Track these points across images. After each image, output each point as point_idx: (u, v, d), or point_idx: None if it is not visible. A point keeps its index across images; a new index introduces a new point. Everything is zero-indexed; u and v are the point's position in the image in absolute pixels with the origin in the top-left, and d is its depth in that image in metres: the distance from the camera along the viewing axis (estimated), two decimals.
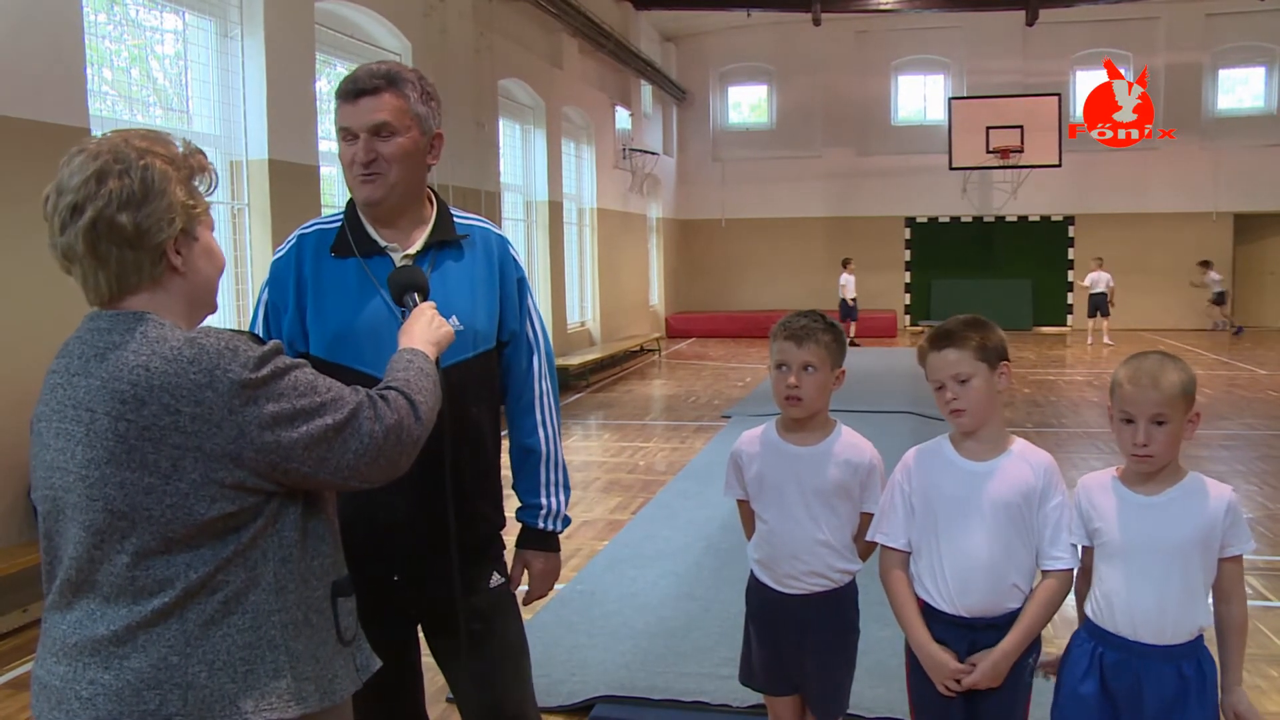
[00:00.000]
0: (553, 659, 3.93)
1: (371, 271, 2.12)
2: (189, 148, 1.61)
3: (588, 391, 12.23)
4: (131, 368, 1.46)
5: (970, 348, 2.25)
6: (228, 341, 1.51)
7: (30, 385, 1.75)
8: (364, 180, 2.09)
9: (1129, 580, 2.17)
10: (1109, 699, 2.19)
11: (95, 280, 1.53)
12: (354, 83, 2.09)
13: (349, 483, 1.58)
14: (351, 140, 2.09)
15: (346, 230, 2.17)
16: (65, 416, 1.50)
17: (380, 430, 1.57)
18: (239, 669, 1.49)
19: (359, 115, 2.07)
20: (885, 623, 2.38)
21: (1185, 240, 19.39)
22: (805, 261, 20.56)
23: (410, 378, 1.68)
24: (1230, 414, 9.79)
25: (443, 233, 2.20)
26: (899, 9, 18.42)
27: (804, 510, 2.45)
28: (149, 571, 1.47)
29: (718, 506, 5.92)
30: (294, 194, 7.13)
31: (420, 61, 9.15)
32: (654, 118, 19.59)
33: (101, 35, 6.01)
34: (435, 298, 2.06)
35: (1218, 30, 19.34)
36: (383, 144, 2.08)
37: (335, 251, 2.15)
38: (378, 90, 2.07)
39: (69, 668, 1.48)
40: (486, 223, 2.33)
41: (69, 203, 1.50)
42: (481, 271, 2.22)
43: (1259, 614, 4.49)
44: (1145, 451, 2.14)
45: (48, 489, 1.53)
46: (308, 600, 1.58)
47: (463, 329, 2.10)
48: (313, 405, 1.52)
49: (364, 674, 1.68)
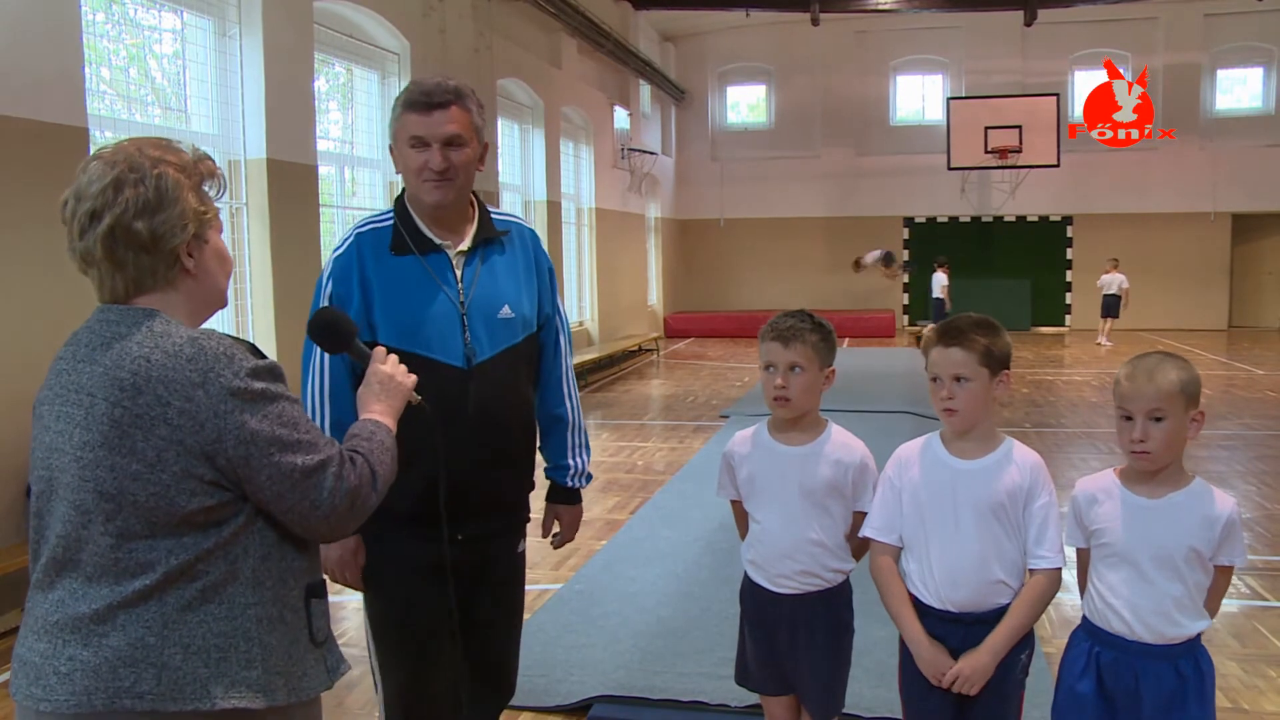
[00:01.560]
0: (551, 659, 3.93)
1: (431, 267, 2.33)
2: (197, 154, 1.68)
3: (586, 391, 12.23)
4: (134, 358, 1.53)
5: (976, 351, 2.26)
6: (227, 347, 1.58)
7: (30, 387, 1.77)
8: (436, 185, 2.29)
9: (1128, 581, 2.18)
10: (1106, 698, 2.20)
11: (112, 282, 1.60)
12: (427, 96, 2.27)
13: (292, 526, 1.62)
14: (423, 148, 2.28)
15: (401, 229, 2.35)
16: (67, 400, 1.56)
17: (341, 491, 1.61)
18: (213, 655, 1.54)
19: (434, 126, 2.27)
20: (881, 622, 2.38)
21: (1184, 240, 19.41)
22: (804, 261, 20.58)
23: (373, 449, 1.73)
24: (1228, 414, 9.79)
25: (486, 230, 2.41)
26: (898, 9, 18.42)
27: (796, 510, 2.46)
28: (131, 554, 1.52)
29: (715, 506, 5.91)
30: (292, 193, 7.13)
31: (419, 61, 9.15)
32: (653, 117, 19.59)
33: (100, 34, 6.00)
34: (486, 290, 2.35)
35: (1216, 30, 19.36)
36: (455, 153, 2.29)
37: (395, 250, 2.33)
38: (448, 104, 2.27)
39: (49, 644, 1.53)
40: (519, 218, 2.57)
41: (87, 209, 1.57)
42: (522, 264, 2.46)
43: (1257, 614, 4.49)
44: (1143, 448, 2.14)
45: (44, 469, 1.59)
46: (283, 598, 1.63)
47: (514, 317, 2.39)
48: (290, 439, 1.58)
49: (334, 675, 1.73)
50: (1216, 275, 19.67)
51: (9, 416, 4.65)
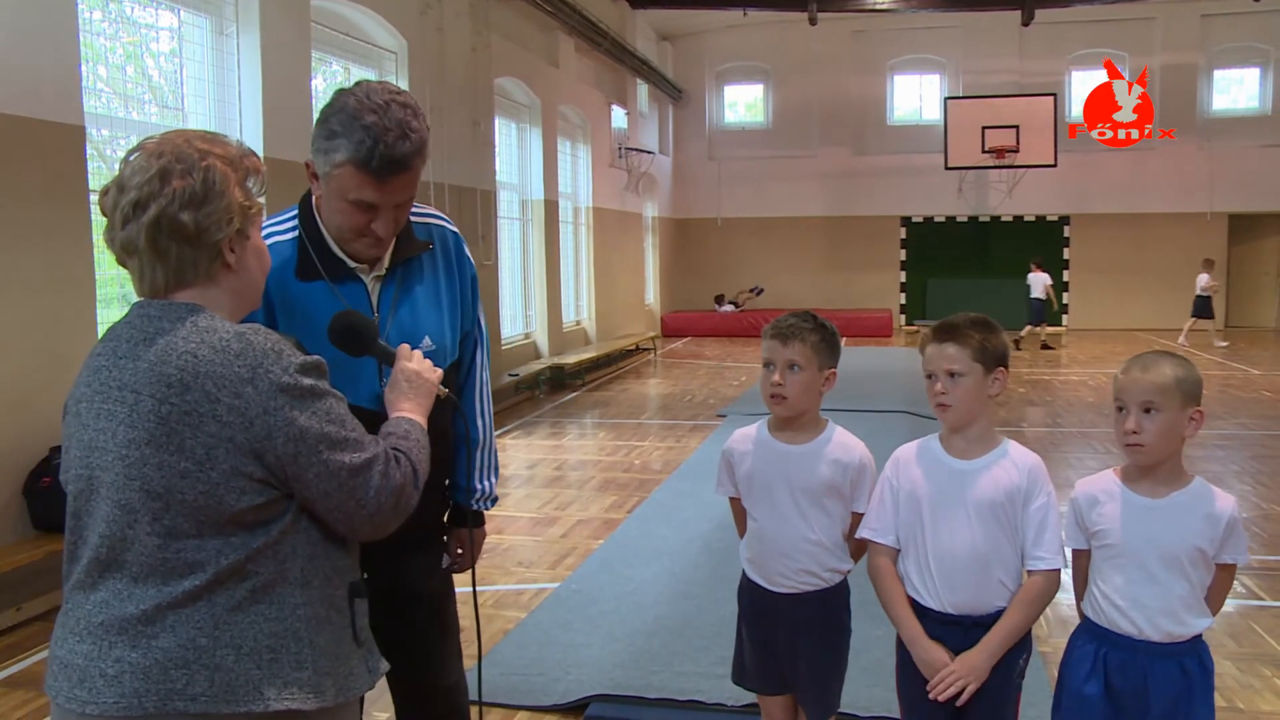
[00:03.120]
0: (547, 658, 3.93)
1: (343, 296, 2.04)
2: (242, 149, 1.67)
3: (583, 390, 12.23)
4: (180, 353, 1.51)
5: (971, 346, 2.26)
6: (274, 343, 1.56)
7: (26, 386, 1.76)
8: (375, 244, 2.03)
9: (1132, 581, 2.18)
10: (1113, 699, 2.20)
11: (152, 273, 1.58)
12: (391, 163, 1.91)
13: (336, 525, 1.61)
14: (368, 210, 1.96)
15: (308, 248, 2.06)
16: (109, 398, 1.53)
17: (387, 489, 1.60)
18: (264, 656, 1.52)
19: (390, 194, 1.96)
20: (879, 621, 2.38)
21: (1180, 240, 19.42)
22: (801, 261, 20.57)
23: (412, 448, 1.71)
24: (1225, 414, 9.80)
25: (406, 249, 2.13)
26: (895, 9, 18.40)
27: (794, 509, 2.46)
28: (179, 554, 1.49)
29: (713, 505, 5.91)
30: (289, 191, 7.03)
31: (416, 60, 9.15)
32: (650, 116, 19.58)
33: (96, 33, 5.99)
34: (405, 322, 2.10)
35: (1213, 31, 19.37)
36: (400, 212, 2.02)
37: (301, 275, 2.04)
38: (410, 165, 1.94)
39: (94, 646, 1.50)
40: (441, 218, 2.28)
41: (132, 199, 1.55)
42: (445, 283, 2.22)
43: (1253, 613, 4.50)
44: (1135, 439, 2.15)
45: (83, 468, 1.55)
46: (330, 598, 1.62)
47: (434, 348, 2.12)
48: (338, 436, 1.56)
49: (375, 675, 1.72)
50: (1213, 275, 19.66)
51: (4, 417, 4.63)
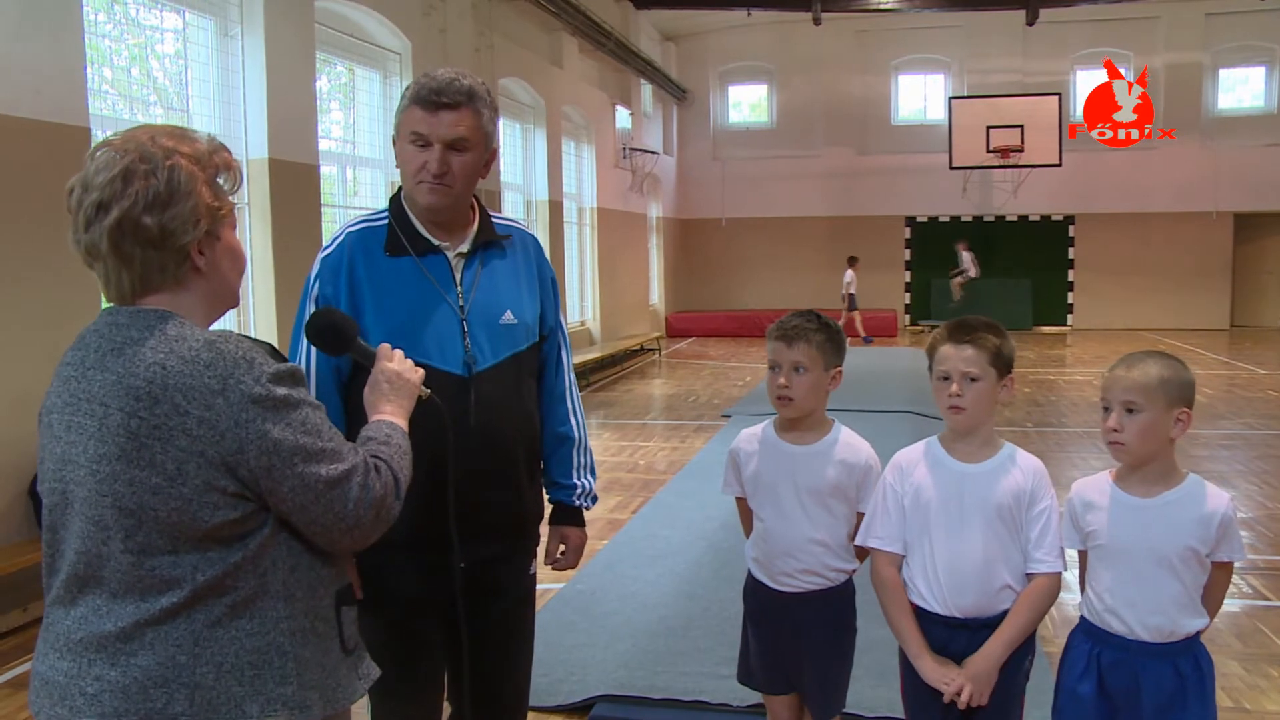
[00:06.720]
0: (553, 658, 3.93)
1: (428, 269, 2.20)
2: (213, 144, 1.59)
3: (588, 391, 12.23)
4: (148, 364, 1.45)
5: (988, 350, 2.26)
6: (246, 351, 1.50)
7: (31, 385, 1.75)
8: (432, 189, 2.15)
9: (1124, 581, 2.18)
10: (1107, 698, 2.20)
11: (118, 278, 1.52)
12: (437, 94, 2.11)
13: (315, 538, 1.55)
14: (424, 147, 2.13)
15: (396, 229, 2.22)
16: (78, 410, 1.48)
17: (366, 501, 1.54)
18: (246, 673, 1.48)
19: (439, 127, 2.12)
20: (883, 622, 2.38)
21: (1186, 240, 19.39)
22: (805, 261, 20.54)
23: (393, 454, 1.65)
24: (1229, 414, 9.79)
25: (487, 233, 2.28)
26: (899, 8, 18.39)
27: (799, 509, 2.46)
28: (155, 571, 1.45)
29: (717, 506, 5.92)
30: (294, 193, 7.13)
31: (420, 61, 9.15)
32: (654, 117, 19.58)
33: (101, 34, 6.01)
34: (486, 296, 2.21)
35: (1217, 30, 19.33)
36: (456, 156, 2.14)
37: (389, 250, 2.20)
38: (459, 105, 2.12)
39: (73, 663, 1.46)
40: (522, 224, 2.45)
41: (94, 200, 1.48)
42: (524, 270, 2.34)
43: (1259, 613, 4.48)
44: (1117, 438, 2.16)
45: (56, 481, 1.51)
46: (314, 609, 1.57)
47: (516, 323, 2.26)
48: (314, 448, 1.50)
49: (365, 683, 1.67)
50: (1218, 275, 19.63)
51: (10, 416, 4.65)
